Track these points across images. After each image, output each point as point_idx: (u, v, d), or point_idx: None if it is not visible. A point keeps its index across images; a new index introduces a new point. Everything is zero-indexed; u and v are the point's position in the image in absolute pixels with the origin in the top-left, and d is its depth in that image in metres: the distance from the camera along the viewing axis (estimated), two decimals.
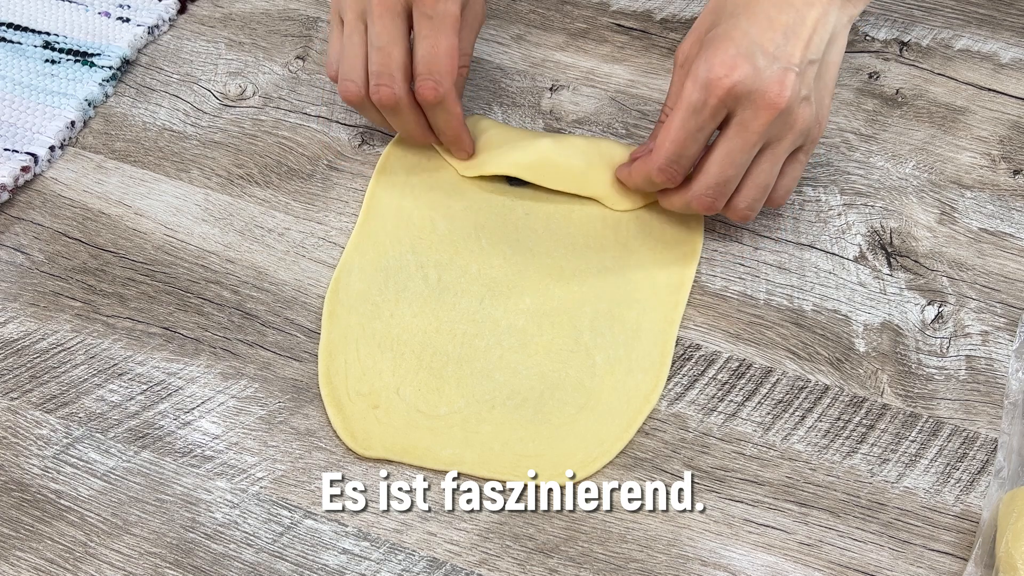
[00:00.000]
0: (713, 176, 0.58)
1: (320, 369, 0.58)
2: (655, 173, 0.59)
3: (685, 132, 0.56)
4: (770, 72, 0.55)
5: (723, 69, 0.54)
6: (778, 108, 0.55)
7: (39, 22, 0.73)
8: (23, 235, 0.63)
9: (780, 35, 0.56)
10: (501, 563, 0.52)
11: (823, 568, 0.52)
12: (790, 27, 0.56)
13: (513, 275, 0.62)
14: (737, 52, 0.55)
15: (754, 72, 0.55)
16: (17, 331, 0.59)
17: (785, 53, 0.55)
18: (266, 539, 0.53)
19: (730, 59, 0.55)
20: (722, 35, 0.56)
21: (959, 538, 0.54)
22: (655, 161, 0.58)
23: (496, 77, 0.71)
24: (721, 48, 0.55)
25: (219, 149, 0.68)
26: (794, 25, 0.56)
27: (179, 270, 0.62)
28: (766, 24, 0.56)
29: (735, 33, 0.55)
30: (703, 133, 0.57)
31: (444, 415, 0.56)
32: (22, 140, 0.66)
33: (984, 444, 0.56)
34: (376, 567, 0.52)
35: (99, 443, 0.55)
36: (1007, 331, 0.61)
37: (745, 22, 0.56)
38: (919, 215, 0.65)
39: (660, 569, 0.52)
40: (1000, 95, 0.71)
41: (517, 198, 0.65)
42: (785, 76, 0.55)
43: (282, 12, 0.75)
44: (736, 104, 0.55)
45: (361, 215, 0.64)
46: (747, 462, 0.56)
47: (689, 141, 0.57)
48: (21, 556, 0.52)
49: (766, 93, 0.55)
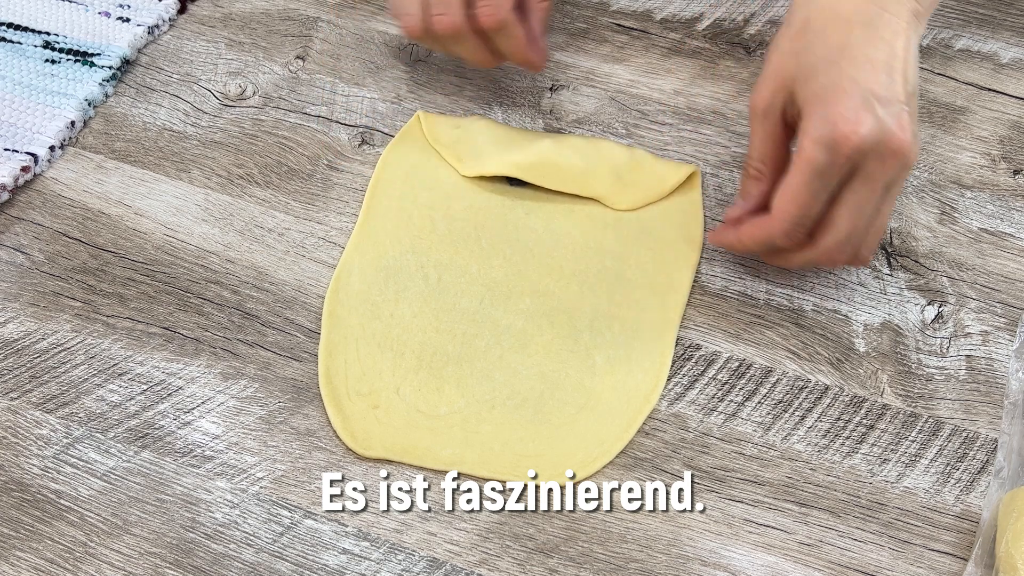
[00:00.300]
0: (843, 232, 0.55)
1: (320, 369, 0.58)
2: (779, 237, 0.56)
3: (810, 194, 0.54)
4: (889, 118, 0.53)
5: (847, 125, 0.52)
6: (904, 154, 0.53)
7: (39, 22, 0.73)
8: (23, 235, 0.63)
9: (884, 75, 0.53)
10: (501, 563, 0.52)
11: (823, 568, 0.52)
12: (888, 64, 0.54)
13: (513, 275, 0.62)
14: (855, 104, 0.52)
15: (876, 122, 0.52)
16: (17, 331, 0.59)
17: (894, 93, 0.53)
18: (266, 539, 0.53)
19: (851, 113, 0.52)
20: (830, 86, 0.53)
21: (959, 538, 0.54)
22: (778, 225, 0.55)
23: (496, 77, 0.71)
24: (836, 101, 0.52)
25: (219, 149, 0.68)
26: (890, 60, 0.54)
27: (179, 270, 0.62)
28: (868, 66, 0.53)
29: (844, 82, 0.53)
30: (828, 192, 0.54)
31: (444, 415, 0.56)
32: (22, 140, 0.66)
33: (984, 444, 0.56)
34: (376, 567, 0.52)
35: (99, 443, 0.55)
36: (1007, 331, 0.61)
37: (848, 67, 0.53)
38: (919, 215, 0.65)
39: (660, 569, 0.52)
40: (1000, 95, 0.71)
41: (517, 198, 0.65)
42: (902, 118, 0.53)
43: (282, 12, 0.75)
44: (862, 157, 0.53)
45: (361, 215, 0.64)
46: (747, 462, 0.56)
47: (814, 202, 0.54)
48: (21, 556, 0.52)
49: (891, 141, 0.52)
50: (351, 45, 0.73)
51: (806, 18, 0.56)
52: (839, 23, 0.54)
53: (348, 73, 0.72)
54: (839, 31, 0.54)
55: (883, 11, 0.55)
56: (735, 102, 0.70)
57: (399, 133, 0.68)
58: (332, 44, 0.73)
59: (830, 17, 0.55)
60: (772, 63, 0.56)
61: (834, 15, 0.55)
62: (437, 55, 0.72)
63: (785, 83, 0.55)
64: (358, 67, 0.72)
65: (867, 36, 0.54)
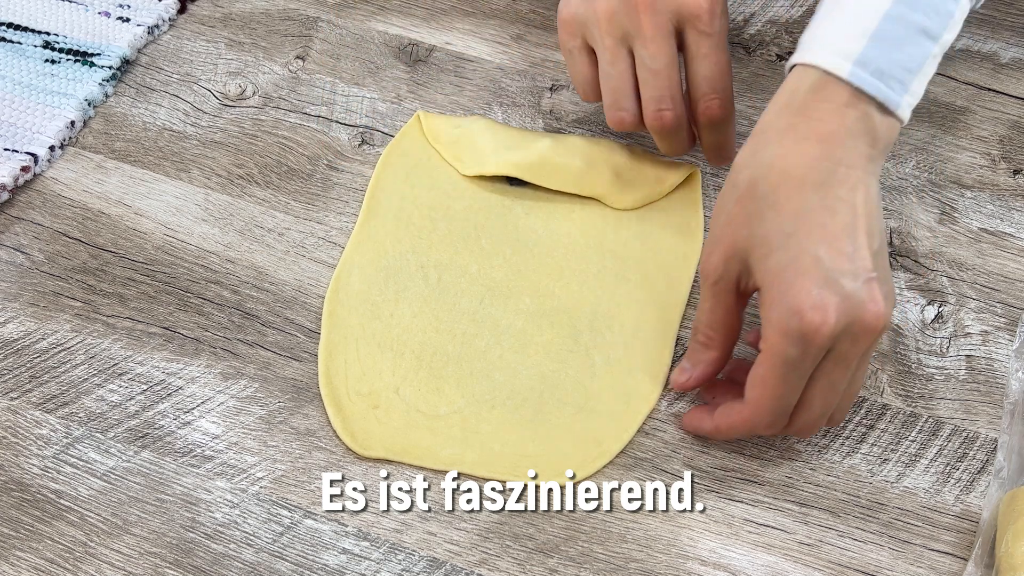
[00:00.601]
0: (817, 411, 0.52)
1: (320, 369, 0.58)
2: (762, 430, 0.52)
3: (785, 385, 0.50)
4: (858, 293, 0.49)
5: (815, 315, 0.48)
6: (878, 330, 0.49)
7: (39, 22, 0.73)
8: (23, 235, 0.63)
9: (847, 242, 0.49)
10: (501, 563, 0.52)
11: (823, 568, 0.52)
12: (851, 227, 0.49)
13: (513, 275, 0.62)
14: (819, 288, 0.48)
15: (845, 303, 0.48)
16: (17, 331, 0.59)
17: (860, 260, 0.49)
18: (266, 539, 0.53)
19: (817, 300, 0.48)
20: (789, 265, 0.49)
21: (959, 538, 0.54)
22: (757, 418, 0.52)
23: (496, 77, 0.71)
24: (798, 285, 0.48)
25: (219, 149, 0.68)
26: (852, 222, 0.50)
27: (179, 270, 0.62)
28: (827, 236, 0.49)
29: (804, 260, 0.49)
30: (803, 380, 0.50)
31: (444, 415, 0.56)
32: (22, 140, 0.66)
33: (984, 444, 0.56)
34: (376, 567, 0.52)
35: (99, 443, 0.55)
36: (1007, 331, 0.61)
37: (807, 240, 0.49)
38: (919, 215, 0.65)
39: (660, 569, 0.52)
40: (1000, 95, 0.71)
41: (517, 198, 0.65)
42: (872, 291, 0.49)
43: (282, 12, 0.75)
44: (835, 342, 0.49)
45: (361, 215, 0.64)
46: (747, 462, 0.56)
47: (790, 392, 0.51)
48: (21, 556, 0.52)
49: (864, 320, 0.49)
50: (351, 45, 0.73)
51: (753, 180, 0.51)
52: (791, 187, 0.50)
53: (348, 73, 0.72)
54: (792, 197, 0.50)
55: (837, 166, 0.50)
56: (735, 102, 0.70)
57: (399, 133, 0.68)
58: (332, 44, 0.73)
59: (780, 180, 0.50)
60: (721, 227, 0.52)
61: (784, 177, 0.50)
62: (437, 55, 0.72)
63: (738, 252, 0.51)
64: (358, 67, 0.72)
65: (823, 199, 0.50)
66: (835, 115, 0.51)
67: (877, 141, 0.52)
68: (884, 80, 0.51)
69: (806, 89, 0.51)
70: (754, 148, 0.52)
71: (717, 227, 0.52)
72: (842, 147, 0.50)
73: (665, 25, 0.58)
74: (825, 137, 0.50)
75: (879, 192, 0.52)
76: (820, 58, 0.51)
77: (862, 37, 0.51)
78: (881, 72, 0.51)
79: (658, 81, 0.59)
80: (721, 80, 0.59)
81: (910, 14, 0.51)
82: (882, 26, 0.51)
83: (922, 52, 0.52)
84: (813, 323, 0.48)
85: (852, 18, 0.51)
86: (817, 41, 0.52)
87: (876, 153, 0.52)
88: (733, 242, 0.51)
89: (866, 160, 0.51)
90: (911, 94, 0.52)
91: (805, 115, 0.51)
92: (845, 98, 0.51)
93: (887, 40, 0.51)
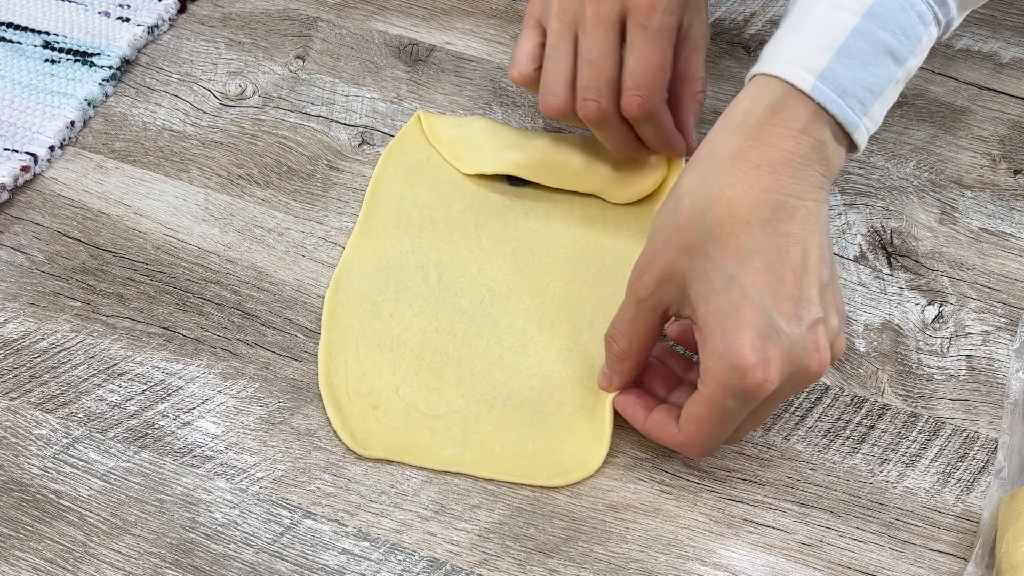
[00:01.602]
0: (743, 433, 0.52)
1: (320, 369, 0.58)
2: (690, 455, 0.53)
3: (721, 429, 0.50)
4: (802, 340, 0.47)
5: (757, 374, 0.47)
6: (819, 376, 0.49)
7: (39, 22, 0.73)
8: (23, 235, 0.63)
9: (793, 286, 0.48)
10: (501, 563, 0.52)
11: (823, 568, 0.52)
12: (798, 267, 0.48)
13: (513, 275, 0.62)
14: (762, 341, 0.47)
15: (788, 355, 0.47)
16: (17, 331, 0.59)
17: (805, 306, 0.48)
18: (266, 539, 0.53)
19: (760, 357, 0.46)
20: (732, 311, 0.47)
21: (959, 538, 0.53)
22: (688, 450, 0.52)
23: (496, 77, 0.71)
24: (741, 341, 0.47)
25: (219, 149, 0.67)
26: (800, 259, 0.48)
27: (179, 270, 0.62)
28: (773, 281, 0.47)
29: (746, 311, 0.47)
30: (739, 421, 0.50)
31: (444, 415, 0.56)
32: (22, 140, 0.66)
33: (984, 444, 0.56)
34: (376, 567, 0.52)
35: (99, 443, 0.55)
36: (1007, 331, 0.61)
37: (750, 287, 0.47)
38: (919, 215, 0.65)
39: (660, 569, 0.52)
40: (1000, 95, 0.71)
41: (517, 197, 0.65)
42: (817, 337, 0.48)
43: (282, 12, 0.75)
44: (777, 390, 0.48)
45: (361, 215, 0.64)
46: (747, 462, 0.56)
47: (725, 433, 0.50)
48: (21, 556, 0.52)
49: (807, 369, 0.48)
50: (351, 45, 0.73)
51: (697, 209, 0.49)
52: (737, 222, 0.48)
53: (348, 73, 0.72)
54: (738, 234, 0.48)
55: (787, 198, 0.48)
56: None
57: (399, 133, 0.68)
58: (332, 44, 0.73)
59: (725, 213, 0.48)
60: (658, 249, 0.50)
61: (730, 211, 0.48)
62: (437, 55, 0.72)
63: (674, 279, 0.50)
64: (358, 67, 0.72)
65: (771, 237, 0.48)
66: (789, 141, 0.49)
67: (829, 168, 0.50)
68: (846, 99, 0.49)
69: (763, 108, 0.49)
70: (701, 174, 0.49)
71: (653, 247, 0.50)
72: (793, 177, 0.49)
73: (608, 15, 0.57)
74: (776, 166, 0.49)
75: (828, 219, 0.50)
76: (783, 70, 0.50)
77: (828, 51, 0.49)
78: (844, 90, 0.49)
79: (590, 70, 0.58)
80: (647, 77, 0.58)
81: (878, 32, 0.50)
82: (849, 41, 0.49)
83: (886, 74, 0.50)
84: (755, 381, 0.47)
85: (818, 32, 0.50)
86: (781, 52, 0.50)
87: (827, 180, 0.50)
88: (671, 268, 0.49)
89: (817, 189, 0.49)
90: (870, 118, 0.51)
91: (758, 139, 0.49)
92: (803, 122, 0.49)
93: (853, 56, 0.49)
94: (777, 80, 0.50)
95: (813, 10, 0.50)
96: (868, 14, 0.50)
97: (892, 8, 0.50)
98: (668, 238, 0.50)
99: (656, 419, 0.53)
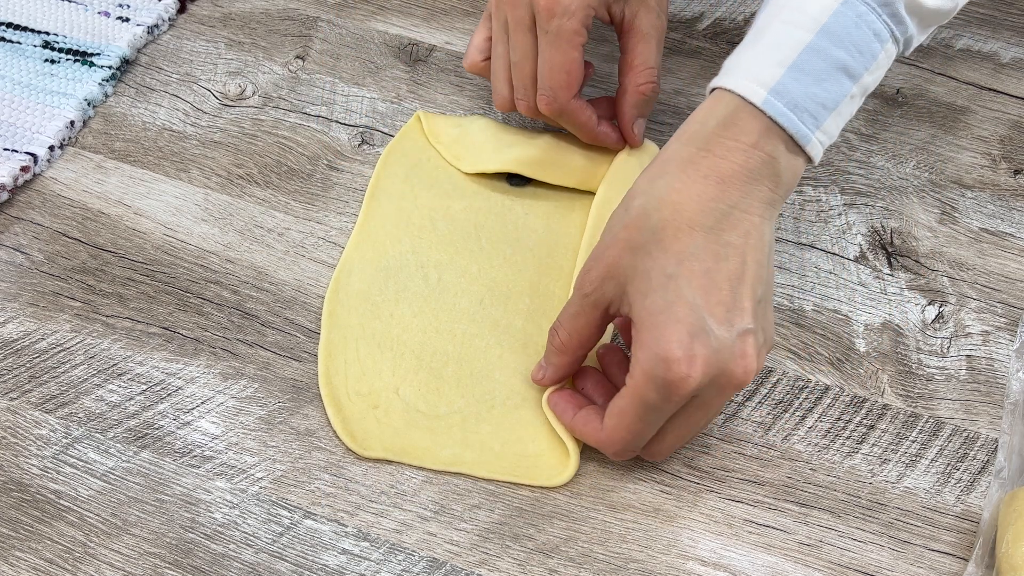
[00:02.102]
0: (668, 443, 0.52)
1: (320, 369, 0.58)
2: (612, 455, 0.53)
3: (643, 424, 0.50)
4: (729, 345, 0.48)
5: (681, 367, 0.47)
6: (744, 384, 0.49)
7: (39, 22, 0.73)
8: (23, 235, 0.63)
9: (728, 293, 0.49)
10: (501, 563, 0.52)
11: (823, 568, 0.52)
12: (735, 275, 0.49)
13: (513, 275, 0.62)
14: (688, 334, 0.48)
15: (714, 356, 0.48)
16: (17, 331, 0.59)
17: (737, 313, 0.49)
18: (266, 539, 0.52)
19: (686, 352, 0.47)
20: (665, 308, 0.48)
21: (959, 538, 0.53)
22: (609, 445, 0.52)
23: None
24: (670, 334, 0.48)
25: (219, 149, 0.67)
26: (738, 270, 0.49)
27: (179, 270, 0.62)
28: (708, 284, 0.49)
29: (679, 308, 0.48)
30: (661, 421, 0.51)
31: (444, 415, 0.56)
32: (22, 140, 0.66)
33: (985, 444, 0.56)
34: (376, 567, 0.52)
35: (99, 443, 0.55)
36: (1007, 331, 0.61)
37: (686, 286, 0.48)
38: (920, 215, 0.65)
39: (660, 569, 0.52)
40: (1000, 95, 0.71)
41: (517, 197, 0.65)
42: (744, 345, 0.49)
43: (282, 12, 0.75)
44: (699, 392, 0.49)
45: (361, 215, 0.64)
46: (747, 462, 0.56)
47: (646, 431, 0.51)
48: (21, 556, 0.52)
49: (731, 374, 0.49)
50: (351, 45, 0.73)
51: (644, 210, 0.50)
52: (680, 226, 0.49)
53: (348, 73, 0.71)
54: (680, 237, 0.49)
55: (732, 209, 0.50)
56: None
57: (399, 133, 0.68)
58: (332, 44, 0.73)
59: (671, 216, 0.49)
60: (606, 246, 0.51)
61: (675, 214, 0.49)
62: (437, 55, 0.72)
63: (617, 278, 0.51)
64: (358, 67, 0.72)
65: (712, 243, 0.49)
66: (740, 155, 0.50)
67: (779, 185, 0.51)
68: (797, 113, 0.50)
69: (716, 121, 0.51)
70: (652, 177, 0.51)
71: (602, 245, 0.52)
72: (740, 190, 0.50)
73: (523, 19, 0.60)
74: (725, 178, 0.50)
75: (773, 238, 0.51)
76: (736, 84, 0.51)
77: (780, 66, 0.50)
78: (795, 104, 0.50)
79: (516, 71, 0.62)
80: (549, 78, 0.60)
81: (832, 49, 0.51)
82: (801, 58, 0.50)
83: (840, 90, 0.51)
84: (679, 374, 0.48)
85: (773, 48, 0.51)
86: (738, 67, 0.52)
87: (777, 197, 0.51)
88: (615, 266, 0.50)
89: (764, 205, 0.50)
90: (823, 132, 0.51)
91: (709, 150, 0.50)
92: (754, 137, 0.50)
93: (805, 72, 0.50)
94: (731, 94, 0.51)
95: (770, 27, 0.52)
96: (822, 31, 0.51)
97: (846, 25, 0.51)
98: (616, 236, 0.51)
99: (583, 415, 0.53)
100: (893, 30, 0.52)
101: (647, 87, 0.63)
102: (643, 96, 0.63)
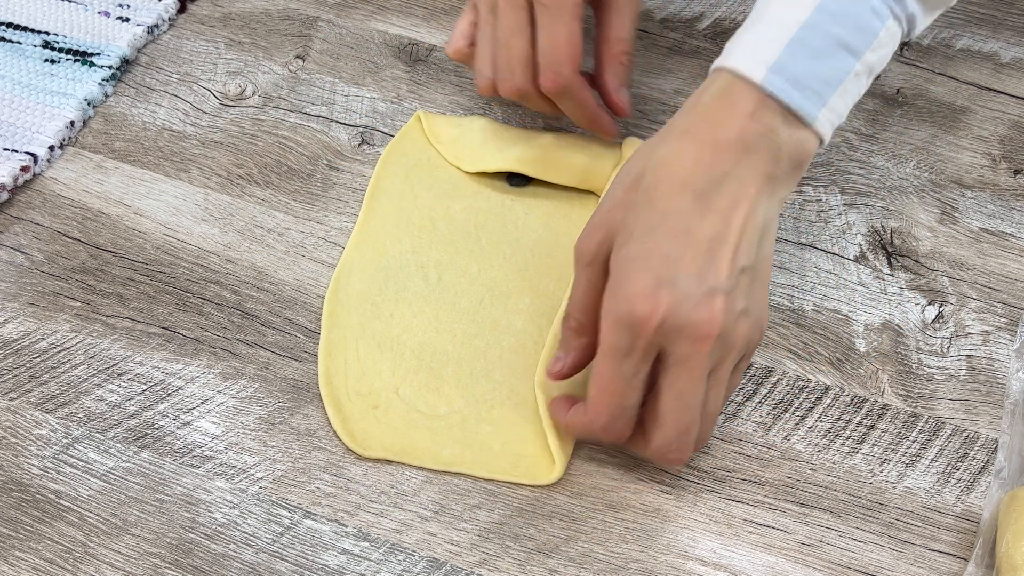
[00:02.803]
0: (671, 427, 0.50)
1: (320, 369, 0.58)
2: (600, 432, 0.52)
3: (620, 380, 0.50)
4: (697, 298, 0.48)
5: (645, 306, 0.48)
6: (712, 337, 0.48)
7: (39, 22, 0.73)
8: (23, 235, 0.63)
9: (703, 251, 0.49)
10: (501, 563, 0.52)
11: (823, 568, 0.52)
12: (715, 238, 0.49)
13: (513, 275, 0.62)
14: (656, 281, 0.48)
15: (678, 302, 0.48)
16: (17, 331, 0.59)
17: (711, 271, 0.48)
18: (266, 539, 0.52)
19: (649, 292, 0.48)
20: (638, 257, 0.49)
21: (959, 538, 0.53)
22: (595, 420, 0.51)
23: None
24: (636, 277, 0.48)
25: (219, 149, 0.67)
26: (721, 235, 0.49)
27: (179, 270, 0.62)
28: (686, 239, 0.49)
29: (653, 257, 0.48)
30: (639, 377, 0.50)
31: (443, 415, 0.56)
32: (21, 140, 0.66)
33: (985, 444, 0.56)
34: (376, 567, 0.52)
35: (99, 443, 0.55)
36: (1008, 331, 0.61)
37: (664, 239, 0.49)
38: (920, 215, 0.65)
39: (660, 569, 0.52)
40: (1001, 95, 0.71)
41: (517, 197, 0.65)
42: (712, 301, 0.48)
43: (282, 12, 0.75)
44: (667, 340, 0.48)
45: (361, 215, 0.64)
46: (747, 462, 0.56)
47: (626, 389, 0.50)
48: (21, 556, 0.52)
49: (697, 325, 0.48)
50: (351, 45, 0.73)
51: (641, 171, 0.51)
52: (671, 186, 0.49)
53: (348, 73, 0.71)
54: (669, 196, 0.49)
55: (726, 175, 0.50)
56: None
57: (399, 133, 0.68)
58: (332, 44, 0.73)
59: (664, 176, 0.50)
60: (603, 210, 0.52)
61: (668, 175, 0.50)
62: (437, 55, 0.72)
63: (609, 235, 0.51)
64: (358, 67, 0.72)
65: (697, 206, 0.49)
66: (736, 124, 0.50)
67: (779, 160, 0.51)
68: (799, 89, 0.51)
69: (714, 92, 0.52)
70: (652, 145, 0.52)
71: (601, 211, 0.52)
72: (735, 159, 0.50)
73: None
74: (721, 145, 0.50)
75: (772, 217, 0.51)
76: (736, 63, 0.51)
77: (779, 44, 0.51)
78: (796, 80, 0.51)
79: (503, 51, 0.61)
80: (554, 53, 0.60)
81: (829, 25, 0.51)
82: (799, 34, 0.51)
83: (842, 66, 0.51)
84: (642, 313, 0.48)
85: (771, 27, 0.52)
86: (737, 47, 0.52)
87: (779, 173, 0.51)
88: (609, 225, 0.51)
89: (762, 178, 0.50)
90: (830, 109, 0.52)
91: (707, 119, 0.51)
92: (751, 107, 0.50)
93: (804, 48, 0.51)
94: (731, 72, 0.52)
95: (768, 8, 0.53)
96: (819, 8, 0.51)
97: (843, 3, 0.51)
98: (613, 199, 0.52)
99: (574, 409, 0.53)
100: (892, 7, 0.52)
101: (623, 56, 0.63)
102: (621, 64, 0.64)
